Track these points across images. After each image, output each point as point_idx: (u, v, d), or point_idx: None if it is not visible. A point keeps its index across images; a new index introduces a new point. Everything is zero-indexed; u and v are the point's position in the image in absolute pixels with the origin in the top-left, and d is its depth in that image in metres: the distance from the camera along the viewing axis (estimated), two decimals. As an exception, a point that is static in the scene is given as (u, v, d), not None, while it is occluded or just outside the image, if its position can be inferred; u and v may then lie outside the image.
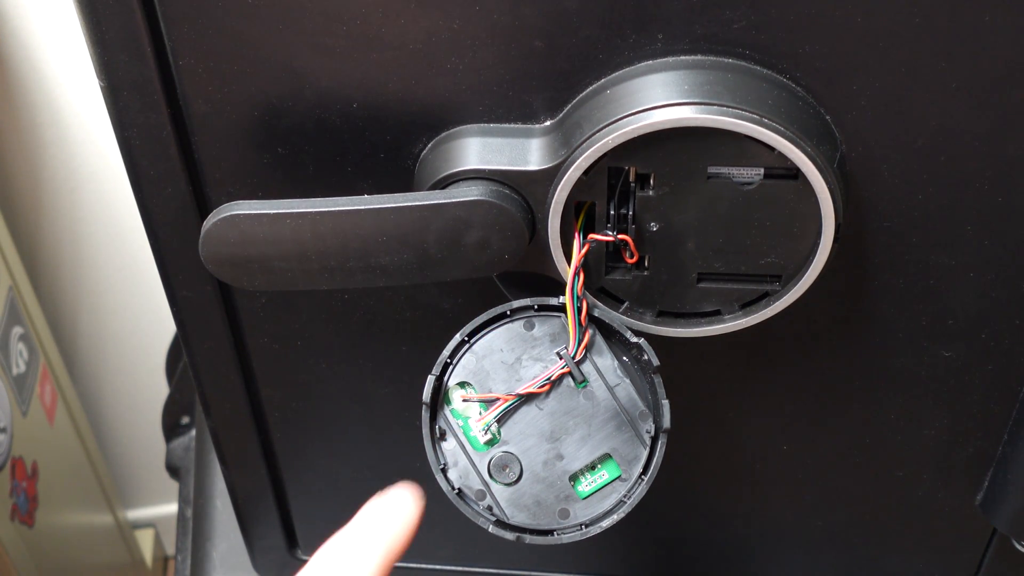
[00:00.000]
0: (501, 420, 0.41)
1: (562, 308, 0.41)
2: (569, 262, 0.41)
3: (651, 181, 0.39)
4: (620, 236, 0.40)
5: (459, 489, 0.41)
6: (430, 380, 0.41)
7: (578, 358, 0.41)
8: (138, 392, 1.19)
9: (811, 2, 0.37)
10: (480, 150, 0.41)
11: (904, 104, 0.39)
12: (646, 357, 0.41)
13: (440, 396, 0.41)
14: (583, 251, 0.41)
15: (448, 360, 0.41)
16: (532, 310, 0.41)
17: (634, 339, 0.41)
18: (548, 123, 0.41)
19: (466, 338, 0.41)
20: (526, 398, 0.41)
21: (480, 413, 0.41)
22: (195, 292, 0.48)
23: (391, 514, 0.41)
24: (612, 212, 0.40)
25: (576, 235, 0.41)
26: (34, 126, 0.97)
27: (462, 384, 0.41)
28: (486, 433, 0.41)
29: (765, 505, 0.55)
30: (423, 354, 0.43)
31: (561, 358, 0.41)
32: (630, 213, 0.40)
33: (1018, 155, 0.40)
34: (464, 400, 0.41)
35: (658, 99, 0.38)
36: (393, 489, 0.42)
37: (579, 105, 0.40)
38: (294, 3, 0.39)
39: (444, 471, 0.41)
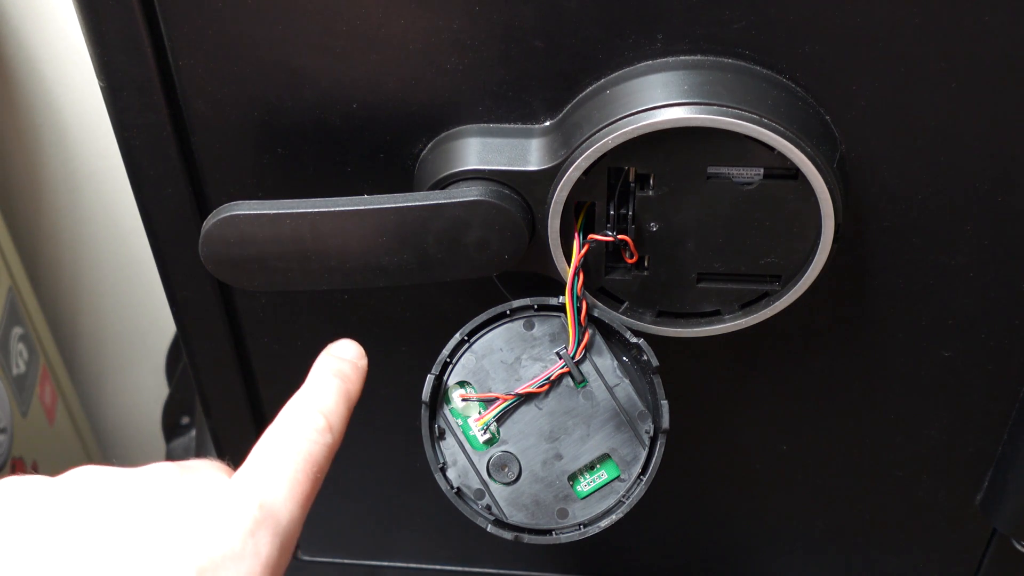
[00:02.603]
0: (500, 419, 0.41)
1: (562, 308, 0.41)
2: (569, 262, 0.41)
3: (651, 181, 0.39)
4: (620, 236, 0.40)
5: (458, 488, 0.41)
6: (430, 379, 0.41)
7: (577, 358, 0.41)
8: (138, 392, 1.19)
9: (811, 2, 0.37)
10: (480, 150, 0.41)
11: (904, 104, 0.39)
12: (645, 357, 0.41)
13: (440, 395, 0.41)
14: (583, 251, 0.41)
15: (448, 359, 0.41)
16: (532, 310, 0.41)
17: (634, 339, 0.41)
18: (548, 123, 0.41)
19: (466, 337, 0.41)
20: (525, 398, 0.41)
21: (479, 412, 0.41)
22: (195, 292, 0.48)
23: (344, 362, 0.41)
24: (612, 212, 0.40)
25: (576, 235, 0.41)
26: (34, 126, 0.97)
27: (462, 383, 0.41)
28: (485, 432, 0.41)
29: (765, 505, 0.55)
30: (423, 354, 0.43)
31: (560, 358, 0.41)
32: (630, 213, 0.40)
33: (1018, 155, 0.40)
34: (463, 399, 0.41)
35: (658, 99, 0.38)
36: (339, 342, 0.43)
37: (579, 105, 0.40)
38: (294, 3, 0.39)
39: (443, 470, 0.41)
